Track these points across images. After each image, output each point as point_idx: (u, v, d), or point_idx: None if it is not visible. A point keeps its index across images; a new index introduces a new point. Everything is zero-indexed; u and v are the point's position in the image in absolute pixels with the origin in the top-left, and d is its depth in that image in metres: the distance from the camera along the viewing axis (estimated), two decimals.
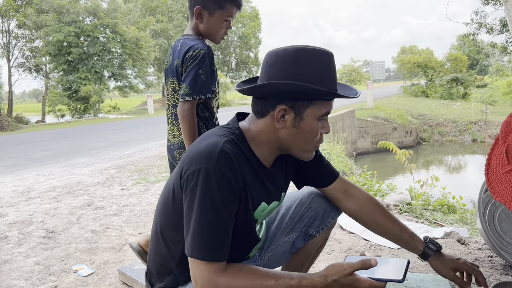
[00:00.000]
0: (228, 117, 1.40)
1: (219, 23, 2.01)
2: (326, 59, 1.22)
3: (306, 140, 1.27)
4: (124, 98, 30.34)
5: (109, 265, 2.71)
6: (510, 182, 1.30)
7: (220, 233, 1.15)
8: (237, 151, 1.22)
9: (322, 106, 1.23)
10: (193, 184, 1.15)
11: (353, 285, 1.13)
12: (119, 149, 8.77)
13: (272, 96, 1.21)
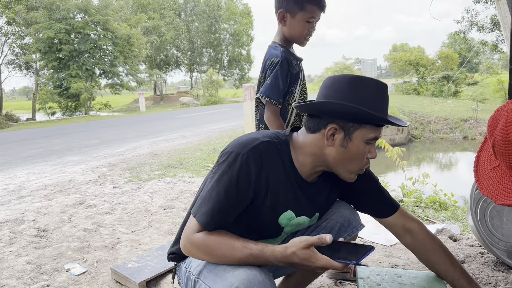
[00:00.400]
0: (220, 114, 1.45)
1: (301, 25, 2.03)
2: (380, 88, 1.31)
3: (352, 161, 1.34)
4: (115, 95, 30.10)
5: (101, 263, 2.69)
6: (497, 177, 1.32)
7: (222, 211, 1.28)
8: (273, 153, 1.35)
9: (371, 130, 1.30)
10: (222, 161, 1.32)
11: (309, 259, 1.19)
12: (111, 147, 8.71)
13: (325, 115, 1.31)
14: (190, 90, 39.05)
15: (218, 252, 1.27)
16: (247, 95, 8.91)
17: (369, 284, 1.48)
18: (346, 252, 1.25)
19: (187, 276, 1.44)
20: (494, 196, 1.31)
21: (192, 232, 1.30)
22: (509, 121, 1.17)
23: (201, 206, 1.30)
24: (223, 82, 35.70)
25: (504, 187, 1.29)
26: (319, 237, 1.20)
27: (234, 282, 1.21)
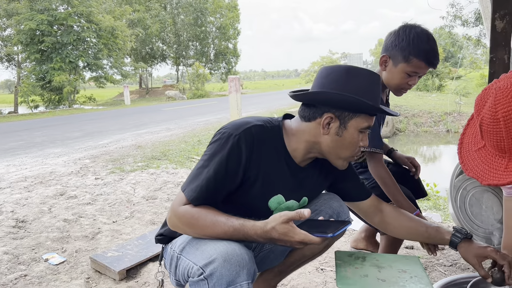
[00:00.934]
0: (206, 107, 1.46)
1: (401, 76, 1.88)
2: (374, 78, 1.36)
3: (345, 149, 1.39)
4: (100, 89, 29.72)
5: (81, 253, 2.65)
6: (482, 157, 1.32)
7: (210, 188, 1.31)
8: (266, 137, 1.38)
9: (365, 119, 1.36)
10: (214, 140, 1.36)
11: (288, 234, 1.21)
12: (94, 139, 8.60)
13: (322, 104, 1.35)
14: (176, 83, 38.73)
15: (201, 224, 1.29)
16: (232, 87, 8.89)
17: (347, 267, 1.48)
18: (323, 227, 1.29)
19: (171, 255, 1.46)
20: (479, 176, 1.31)
21: (178, 205, 1.32)
22: (498, 99, 1.17)
23: (191, 182, 1.33)
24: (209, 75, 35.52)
25: (489, 167, 1.29)
26: (297, 211, 1.21)
27: (213, 254, 1.24)
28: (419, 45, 1.80)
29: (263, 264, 1.68)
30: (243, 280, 1.25)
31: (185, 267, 1.35)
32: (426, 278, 1.40)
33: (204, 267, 1.25)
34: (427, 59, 1.81)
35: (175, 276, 1.46)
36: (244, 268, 1.25)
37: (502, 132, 1.18)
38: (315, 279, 2.22)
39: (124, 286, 2.21)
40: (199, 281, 1.27)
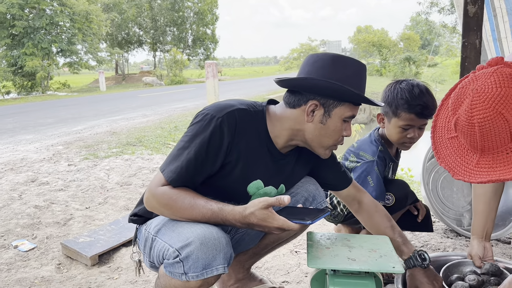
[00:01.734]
0: (183, 93, 1.43)
1: (396, 130, 1.90)
2: (360, 68, 1.35)
3: (328, 137, 1.38)
4: (74, 75, 29.00)
5: (52, 239, 2.60)
6: (455, 148, 1.32)
7: (190, 170, 1.28)
8: (248, 121, 1.36)
9: (349, 108, 1.35)
10: (196, 121, 1.33)
11: (267, 220, 1.21)
12: (68, 126, 8.41)
13: (307, 91, 1.34)
14: (154, 70, 38.16)
15: (179, 205, 1.27)
16: (209, 72, 8.80)
17: (319, 247, 1.48)
18: (302, 214, 1.28)
19: (146, 236, 1.44)
20: (452, 169, 1.32)
21: (156, 186, 1.30)
22: (474, 103, 1.16)
23: (170, 163, 1.31)
24: (187, 62, 35.04)
25: (461, 160, 1.29)
26: (277, 197, 1.21)
27: (190, 237, 1.23)
28: (404, 99, 1.82)
29: (238, 246, 1.67)
30: (219, 264, 1.25)
31: (160, 249, 1.34)
32: (395, 257, 1.41)
33: (180, 250, 1.24)
34: (415, 111, 1.82)
35: (149, 257, 1.45)
36: (220, 252, 1.25)
37: (476, 135, 1.18)
38: (289, 261, 2.23)
39: (97, 271, 2.18)
40: (174, 263, 1.26)
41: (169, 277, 1.30)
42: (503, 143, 1.16)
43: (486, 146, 1.18)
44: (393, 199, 1.96)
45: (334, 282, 1.36)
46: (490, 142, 1.17)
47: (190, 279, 1.24)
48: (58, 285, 2.01)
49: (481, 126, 1.15)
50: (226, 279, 1.83)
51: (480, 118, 1.14)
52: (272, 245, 1.74)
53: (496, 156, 1.19)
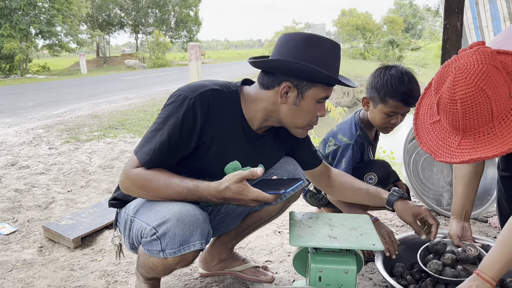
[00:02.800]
0: (166, 76, 1.43)
1: (381, 116, 1.92)
2: (334, 48, 1.34)
3: (302, 118, 1.39)
4: (54, 57, 28.37)
5: (33, 222, 2.57)
6: (437, 131, 1.34)
7: (163, 151, 1.29)
8: (222, 101, 1.36)
9: (322, 89, 1.35)
10: (169, 103, 1.33)
11: (242, 192, 1.23)
12: (48, 109, 8.25)
13: (280, 73, 1.33)
14: (136, 52, 37.53)
15: (154, 185, 1.27)
16: (192, 54, 8.70)
17: (301, 226, 1.50)
18: (277, 185, 1.30)
19: (125, 219, 1.45)
20: (433, 152, 1.34)
21: (131, 168, 1.30)
22: (457, 80, 1.17)
23: (144, 145, 1.31)
24: (170, 44, 34.54)
25: (443, 143, 1.31)
26: (250, 170, 1.23)
27: (166, 214, 1.25)
28: (394, 87, 1.84)
29: (219, 227, 1.68)
30: (196, 240, 1.26)
31: (138, 228, 1.35)
32: (376, 235, 1.44)
33: (157, 227, 1.26)
34: (402, 99, 1.85)
35: (129, 239, 1.46)
36: (197, 228, 1.26)
37: (458, 113, 1.19)
38: (272, 241, 2.25)
39: (79, 253, 2.17)
40: (152, 241, 1.28)
41: (147, 255, 1.32)
42: (484, 122, 1.18)
43: (468, 125, 1.20)
44: (376, 178, 1.99)
45: (315, 259, 1.38)
46: (472, 120, 1.19)
47: (168, 256, 1.26)
48: (40, 268, 2.00)
49: (463, 103, 1.16)
50: (209, 260, 1.84)
51: (462, 94, 1.16)
52: (254, 225, 1.75)
53: (478, 137, 1.21)
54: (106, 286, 1.83)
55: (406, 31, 37.93)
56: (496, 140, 1.18)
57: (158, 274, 1.42)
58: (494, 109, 1.16)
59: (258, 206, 1.66)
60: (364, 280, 1.85)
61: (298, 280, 1.82)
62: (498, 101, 1.16)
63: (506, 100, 1.17)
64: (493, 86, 1.14)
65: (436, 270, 1.54)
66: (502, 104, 1.17)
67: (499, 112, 1.17)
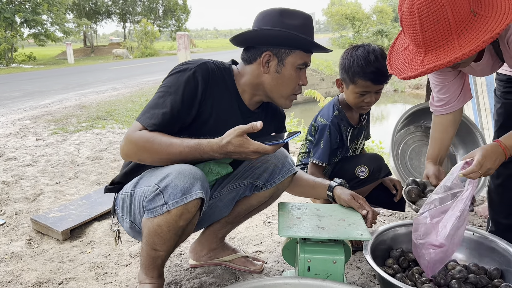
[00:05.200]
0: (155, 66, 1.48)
1: (353, 95, 1.95)
2: (307, 19, 1.44)
3: (286, 86, 1.48)
4: (41, 47, 27.94)
5: (21, 215, 2.55)
6: (405, 56, 1.40)
7: (166, 117, 1.34)
8: (220, 75, 1.46)
9: (301, 56, 1.45)
10: (171, 74, 1.41)
11: (243, 145, 1.28)
12: (35, 100, 8.15)
13: (259, 44, 1.44)
14: (124, 41, 37.09)
15: (157, 145, 1.32)
16: (181, 44, 8.63)
17: (290, 217, 1.51)
18: (274, 138, 1.38)
19: (123, 198, 1.49)
20: (398, 72, 1.41)
21: (133, 131, 1.34)
22: None
23: (146, 111, 1.37)
24: (158, 33, 34.18)
25: (409, 64, 1.37)
26: (250, 124, 1.28)
27: (167, 171, 1.30)
28: (361, 66, 1.85)
29: (212, 214, 1.69)
30: (198, 189, 1.30)
31: (140, 195, 1.39)
32: (363, 225, 1.46)
33: (159, 183, 1.30)
34: (370, 78, 1.86)
35: (130, 216, 1.48)
36: (198, 179, 1.31)
37: (417, 25, 1.23)
38: (261, 231, 2.27)
39: (69, 246, 2.16)
40: (154, 197, 1.31)
41: (150, 220, 1.34)
42: (443, 34, 1.22)
43: (428, 38, 1.24)
44: (367, 171, 2.01)
45: (304, 250, 1.40)
46: (431, 32, 1.22)
47: (171, 208, 1.29)
48: (29, 260, 1.99)
49: (420, 12, 1.20)
50: (199, 249, 1.85)
51: (419, 4, 1.20)
52: (245, 213, 1.76)
53: (439, 51, 1.25)
54: (96, 277, 1.84)
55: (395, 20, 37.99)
56: (454, 51, 1.21)
57: (163, 242, 1.37)
58: (451, 20, 1.19)
59: (249, 192, 1.68)
60: (353, 269, 1.88)
61: (287, 270, 1.84)
62: (455, 12, 1.19)
63: (465, 14, 1.20)
64: None
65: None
66: (460, 17, 1.20)
67: (458, 25, 1.20)
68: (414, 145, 3.03)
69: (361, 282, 1.76)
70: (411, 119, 3.00)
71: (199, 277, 1.79)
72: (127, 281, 1.79)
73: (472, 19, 1.21)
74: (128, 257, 2.01)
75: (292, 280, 1.34)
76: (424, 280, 1.54)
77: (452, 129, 1.82)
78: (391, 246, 1.81)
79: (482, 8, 1.22)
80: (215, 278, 1.78)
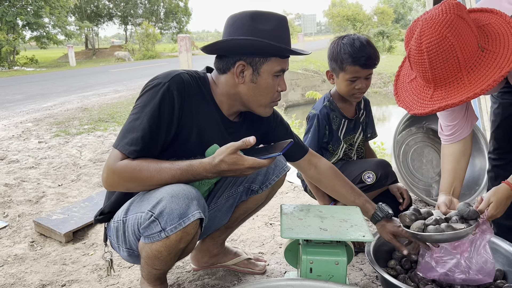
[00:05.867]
0: (157, 68, 1.42)
1: (344, 84, 1.98)
2: (281, 20, 1.33)
3: (263, 95, 1.38)
4: (42, 50, 28.01)
5: (24, 217, 2.56)
6: (413, 89, 1.38)
7: (146, 139, 1.25)
8: (195, 86, 1.36)
9: (277, 62, 1.34)
10: (143, 92, 1.31)
11: (237, 162, 1.23)
12: (37, 102, 8.17)
13: (231, 53, 1.33)
14: (125, 44, 37.15)
15: (145, 173, 1.24)
16: (182, 46, 8.64)
17: (292, 218, 1.51)
18: (268, 150, 1.32)
19: (116, 226, 1.42)
20: (408, 106, 1.38)
21: (115, 161, 1.24)
22: (423, 31, 1.20)
23: (124, 137, 1.26)
24: (159, 35, 34.20)
25: (418, 98, 1.35)
26: (243, 140, 1.23)
27: (159, 196, 1.23)
28: (348, 53, 1.90)
29: (211, 224, 1.68)
30: (195, 210, 1.24)
31: (133, 223, 1.32)
32: (366, 226, 1.46)
33: (153, 209, 1.24)
34: (359, 63, 1.90)
35: (126, 243, 1.42)
36: (193, 200, 1.25)
37: (426, 63, 1.22)
38: (263, 233, 2.27)
39: (71, 248, 2.17)
40: (150, 224, 1.25)
41: (149, 244, 1.29)
42: (453, 71, 1.21)
43: (437, 75, 1.23)
44: (374, 177, 2.00)
45: (306, 251, 1.40)
46: (440, 69, 1.21)
47: (169, 233, 1.23)
48: (32, 263, 2.00)
49: (429, 52, 1.19)
50: (201, 256, 1.84)
51: (427, 43, 1.19)
52: (242, 216, 1.76)
53: (448, 88, 1.24)
54: (99, 280, 1.84)
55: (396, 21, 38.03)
56: (464, 88, 1.20)
57: (164, 263, 1.36)
58: (460, 57, 1.18)
59: (245, 196, 1.67)
60: (355, 270, 1.88)
61: (289, 271, 1.84)
62: (464, 49, 1.18)
63: (473, 50, 1.19)
64: (457, 34, 1.17)
65: (419, 229, 1.45)
66: (468, 54, 1.19)
67: (467, 62, 1.19)
68: (416, 146, 3.03)
69: (363, 284, 1.76)
70: (413, 120, 3.00)
71: (202, 279, 1.79)
72: (129, 283, 1.79)
73: (481, 54, 1.20)
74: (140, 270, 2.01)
75: (294, 281, 1.34)
76: (426, 281, 1.54)
77: (464, 160, 1.71)
78: (393, 247, 1.81)
79: (489, 43, 1.21)
80: (218, 280, 1.78)
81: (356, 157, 2.23)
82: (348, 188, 1.70)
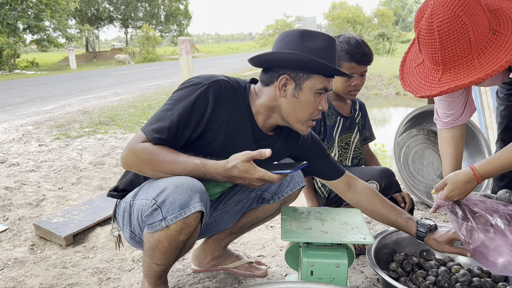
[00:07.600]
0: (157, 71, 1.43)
1: (341, 81, 2.01)
2: (328, 41, 1.35)
3: (303, 111, 1.39)
4: (43, 53, 28.05)
5: (24, 220, 2.56)
6: (420, 73, 1.36)
7: (171, 131, 1.29)
8: (233, 93, 1.39)
9: (320, 80, 1.35)
10: (182, 87, 1.36)
11: (249, 171, 1.24)
12: (37, 105, 8.17)
13: (277, 66, 1.36)
14: (126, 47, 37.17)
15: (160, 160, 1.27)
16: (183, 49, 8.65)
17: (292, 221, 1.51)
18: (281, 167, 1.32)
19: (124, 207, 1.46)
20: (414, 89, 1.36)
21: (136, 142, 1.30)
22: (435, 10, 1.17)
23: (152, 123, 1.31)
24: (160, 38, 34.24)
25: (425, 81, 1.33)
26: (259, 151, 1.24)
27: (164, 185, 1.26)
28: (344, 50, 1.94)
29: (217, 225, 1.68)
30: (196, 203, 1.27)
31: (138, 208, 1.36)
32: (366, 229, 1.45)
33: (156, 197, 1.26)
34: (355, 59, 1.95)
35: (130, 226, 1.46)
36: (196, 192, 1.27)
37: (436, 43, 1.20)
38: (264, 235, 2.26)
39: (72, 251, 2.16)
40: (152, 212, 1.28)
41: (151, 234, 1.32)
42: (463, 53, 1.19)
43: (447, 57, 1.21)
44: (378, 187, 1.99)
45: (307, 254, 1.39)
46: (450, 50, 1.19)
47: (170, 223, 1.26)
48: (32, 266, 1.99)
49: (440, 30, 1.17)
50: (202, 257, 1.84)
51: (439, 22, 1.17)
52: (250, 224, 1.76)
53: (458, 70, 1.22)
54: (99, 283, 1.83)
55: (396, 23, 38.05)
56: (475, 70, 1.19)
57: (165, 256, 1.37)
58: (472, 38, 1.16)
59: (256, 204, 1.67)
60: (356, 273, 1.87)
61: (290, 274, 1.83)
62: (476, 30, 1.16)
63: (485, 32, 1.18)
64: (470, 14, 1.15)
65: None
66: (480, 35, 1.17)
67: (478, 43, 1.18)
68: (417, 148, 3.02)
69: (364, 286, 1.75)
70: (413, 122, 3.00)
71: (202, 282, 1.79)
72: (130, 286, 1.79)
73: (492, 37, 1.18)
74: (131, 262, 2.01)
75: (295, 284, 1.33)
76: (428, 284, 1.54)
77: (462, 144, 1.74)
78: (395, 249, 1.80)
79: (501, 26, 1.20)
80: (218, 283, 1.77)
81: (352, 158, 2.22)
82: (388, 208, 1.66)
